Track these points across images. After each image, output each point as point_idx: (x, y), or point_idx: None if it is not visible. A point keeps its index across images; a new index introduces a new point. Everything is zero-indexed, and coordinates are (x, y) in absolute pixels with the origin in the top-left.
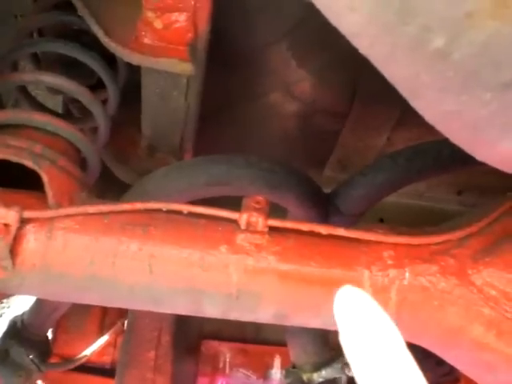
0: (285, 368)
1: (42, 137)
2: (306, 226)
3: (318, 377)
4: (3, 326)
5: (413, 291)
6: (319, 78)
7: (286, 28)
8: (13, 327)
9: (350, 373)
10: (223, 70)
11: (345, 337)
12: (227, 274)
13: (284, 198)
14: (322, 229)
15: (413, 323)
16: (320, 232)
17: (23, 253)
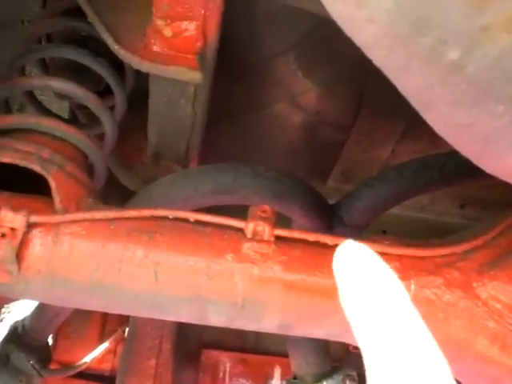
0: (285, 379)
1: (50, 142)
2: (312, 236)
3: None
4: (4, 330)
5: (418, 303)
6: (325, 90)
7: (294, 39)
8: (14, 332)
9: None
10: (230, 79)
11: (345, 295)
12: (233, 283)
13: (289, 207)
14: (328, 239)
15: None
16: (326, 242)
17: (29, 257)
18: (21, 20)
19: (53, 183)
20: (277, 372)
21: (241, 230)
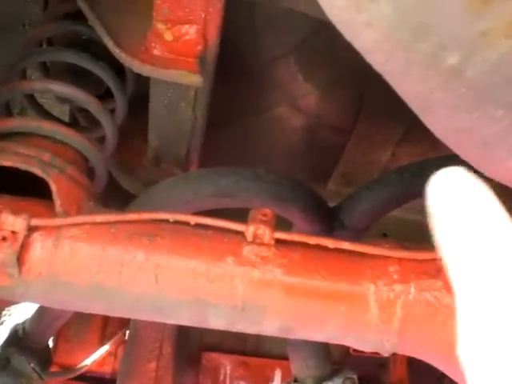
0: (286, 381)
1: (50, 145)
2: (312, 240)
3: None
4: (5, 333)
5: (418, 306)
6: (325, 93)
7: (294, 42)
8: (14, 335)
9: None
10: (230, 82)
11: (439, 221)
12: (233, 286)
13: (289, 210)
14: (328, 242)
15: (417, 338)
16: (326, 246)
17: (30, 261)
18: (22, 23)
19: (53, 186)
20: (277, 375)
21: (241, 234)
